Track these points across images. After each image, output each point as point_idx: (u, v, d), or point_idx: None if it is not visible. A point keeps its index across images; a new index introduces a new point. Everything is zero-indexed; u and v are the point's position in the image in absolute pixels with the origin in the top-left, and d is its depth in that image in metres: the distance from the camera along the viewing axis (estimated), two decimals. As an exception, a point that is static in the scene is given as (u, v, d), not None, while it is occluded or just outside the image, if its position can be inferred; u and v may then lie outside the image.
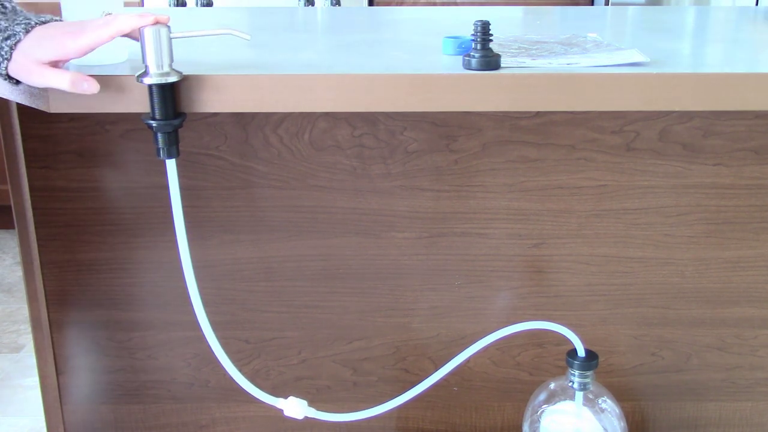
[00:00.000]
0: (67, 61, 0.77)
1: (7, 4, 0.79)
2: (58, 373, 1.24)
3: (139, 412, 1.26)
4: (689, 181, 1.12)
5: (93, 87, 0.76)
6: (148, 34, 0.75)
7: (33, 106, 0.82)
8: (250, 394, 0.95)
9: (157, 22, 0.75)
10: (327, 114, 1.09)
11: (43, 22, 0.78)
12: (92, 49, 0.76)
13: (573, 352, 1.03)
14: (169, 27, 0.76)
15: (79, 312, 1.20)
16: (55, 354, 1.23)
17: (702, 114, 1.09)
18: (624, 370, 1.23)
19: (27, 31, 0.76)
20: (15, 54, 0.75)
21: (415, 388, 1.01)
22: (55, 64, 0.76)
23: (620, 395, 1.21)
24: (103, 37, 0.75)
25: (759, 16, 1.40)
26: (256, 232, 1.15)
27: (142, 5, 2.30)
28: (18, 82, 0.78)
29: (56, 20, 0.80)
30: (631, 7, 2.02)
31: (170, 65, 0.77)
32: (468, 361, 1.22)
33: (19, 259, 2.14)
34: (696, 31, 1.26)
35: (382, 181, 1.12)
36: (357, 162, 1.11)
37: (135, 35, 0.77)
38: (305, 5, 1.87)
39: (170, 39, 0.76)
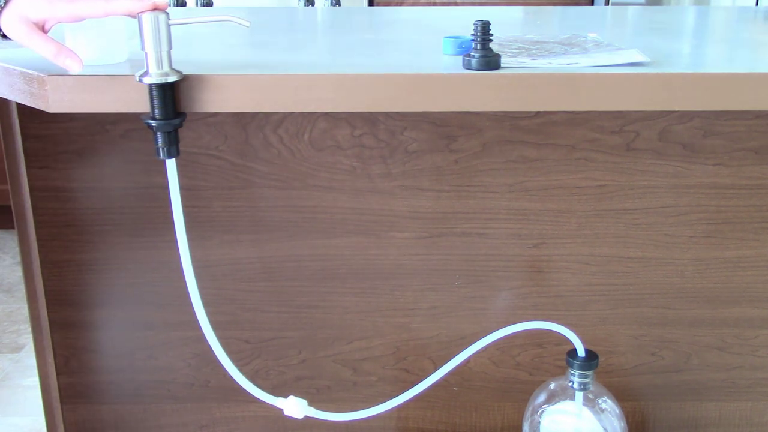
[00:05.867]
0: (55, 22, 0.77)
1: None
2: (58, 373, 1.24)
3: (139, 412, 1.26)
4: (689, 181, 1.12)
5: (75, 65, 0.76)
6: (146, 20, 0.75)
7: (33, 105, 0.82)
8: (250, 393, 0.95)
9: (155, 8, 0.75)
10: (327, 114, 1.09)
11: None
12: (82, 18, 0.76)
13: (573, 352, 1.03)
14: (167, 14, 0.76)
15: (79, 312, 1.20)
16: (55, 354, 1.23)
17: (702, 114, 1.09)
18: (624, 370, 1.23)
19: None
20: (6, 9, 0.75)
21: (415, 388, 1.01)
22: (42, 28, 0.76)
23: (620, 395, 1.21)
24: (96, 10, 0.75)
25: (759, 16, 1.40)
26: (256, 232, 1.15)
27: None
28: (6, 37, 0.78)
29: None
30: (631, 7, 2.02)
31: (169, 54, 0.76)
32: (468, 361, 1.22)
33: (19, 259, 2.14)
34: (696, 31, 1.26)
35: (382, 181, 1.12)
36: (357, 162, 1.11)
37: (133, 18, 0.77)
38: (305, 5, 1.87)
39: (169, 25, 0.76)
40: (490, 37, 0.80)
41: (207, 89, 0.78)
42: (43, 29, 0.77)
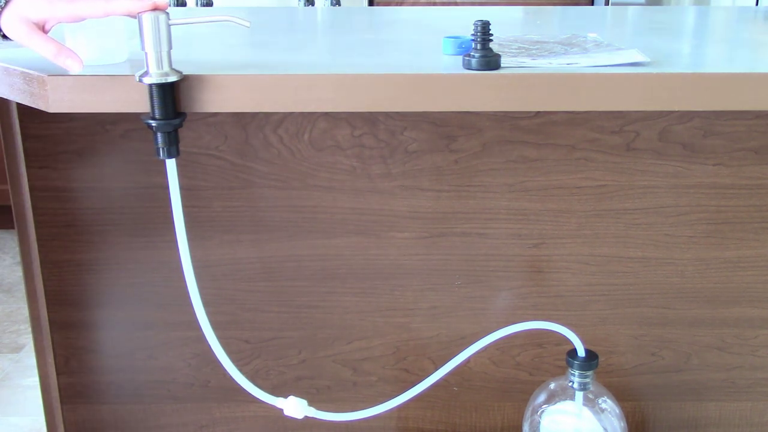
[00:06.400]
0: (55, 23, 0.77)
1: None
2: (58, 373, 1.24)
3: (139, 412, 1.26)
4: (689, 181, 1.12)
5: (76, 65, 0.76)
6: (146, 20, 0.75)
7: (33, 106, 0.82)
8: (250, 394, 0.95)
9: (155, 8, 0.75)
10: (327, 114, 1.09)
11: None
12: (82, 19, 0.76)
13: (573, 352, 1.03)
14: (167, 14, 0.76)
15: (79, 312, 1.20)
16: (55, 354, 1.23)
17: (702, 114, 1.09)
18: (624, 370, 1.23)
19: None
20: (7, 9, 0.75)
21: (415, 388, 1.01)
22: (43, 28, 0.76)
23: (620, 395, 1.21)
24: (96, 10, 0.75)
25: (759, 16, 1.40)
26: (256, 232, 1.15)
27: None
28: (6, 38, 0.78)
29: None
30: (631, 7, 2.02)
31: (169, 54, 0.76)
32: (468, 361, 1.22)
33: (19, 259, 2.14)
34: (696, 31, 1.26)
35: (382, 181, 1.12)
36: (357, 162, 1.11)
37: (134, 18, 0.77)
38: (305, 5, 1.87)
39: (169, 25, 0.76)
40: (490, 37, 0.80)
41: (207, 89, 0.78)
42: (43, 29, 0.77)
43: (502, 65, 0.81)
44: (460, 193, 1.13)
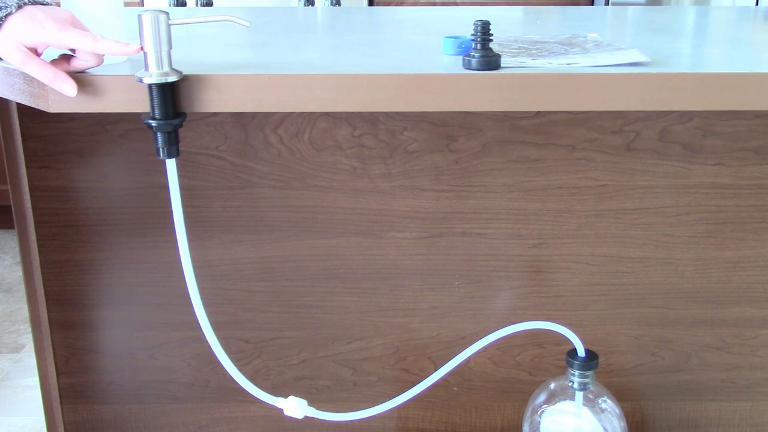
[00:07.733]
0: (45, 47, 0.77)
1: None
2: (58, 373, 1.24)
3: (139, 412, 1.26)
4: (689, 181, 1.12)
5: (71, 90, 0.76)
6: (146, 20, 0.75)
7: (33, 106, 0.82)
8: (250, 394, 0.95)
9: (137, 52, 0.76)
10: (327, 114, 1.09)
11: (35, 3, 0.78)
12: (69, 48, 0.76)
13: (573, 352, 1.03)
14: (167, 13, 0.76)
15: (79, 312, 1.20)
16: (55, 354, 1.23)
17: (702, 114, 1.09)
18: (624, 370, 1.23)
19: (19, 7, 0.76)
20: (1, 31, 0.76)
21: (415, 388, 1.01)
22: (34, 50, 0.76)
23: (620, 395, 1.21)
24: (83, 47, 0.75)
25: (759, 16, 1.40)
26: (256, 232, 1.15)
27: (143, 5, 2.30)
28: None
29: (50, 5, 0.80)
30: (631, 7, 2.02)
31: (169, 54, 0.76)
32: (468, 361, 1.22)
33: (19, 259, 2.14)
34: (696, 31, 1.26)
35: (382, 181, 1.12)
36: (357, 162, 1.11)
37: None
38: (305, 5, 1.86)
39: (169, 25, 0.76)
40: (490, 37, 0.80)
41: (207, 89, 0.78)
42: (36, 52, 0.77)
43: (502, 65, 0.81)
44: (460, 193, 1.13)
